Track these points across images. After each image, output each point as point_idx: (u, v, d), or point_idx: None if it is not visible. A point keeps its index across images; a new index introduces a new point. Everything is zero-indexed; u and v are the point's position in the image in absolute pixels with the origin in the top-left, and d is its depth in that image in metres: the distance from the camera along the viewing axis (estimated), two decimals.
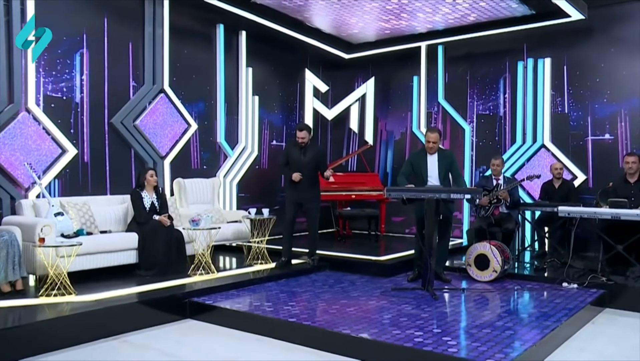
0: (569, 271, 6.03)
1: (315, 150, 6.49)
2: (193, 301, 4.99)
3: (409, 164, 6.02)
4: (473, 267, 6.15)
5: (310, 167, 6.37)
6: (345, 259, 6.86)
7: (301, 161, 6.36)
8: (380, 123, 10.07)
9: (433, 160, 5.94)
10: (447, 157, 5.95)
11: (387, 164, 9.94)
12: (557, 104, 8.28)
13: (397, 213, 9.31)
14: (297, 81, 9.74)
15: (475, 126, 9.03)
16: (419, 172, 5.93)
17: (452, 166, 5.97)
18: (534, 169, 8.31)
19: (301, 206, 6.44)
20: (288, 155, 6.45)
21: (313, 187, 6.45)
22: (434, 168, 5.90)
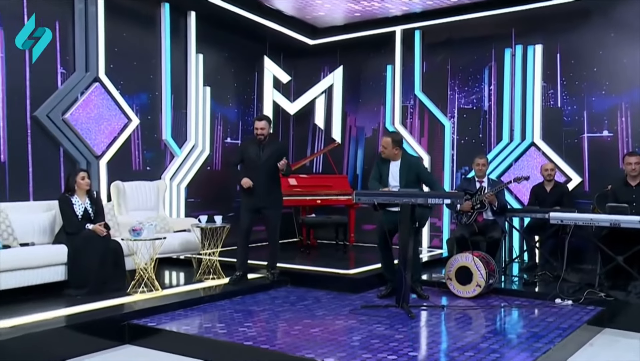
0: (562, 286, 6.08)
1: (275, 146, 6.46)
2: (133, 324, 4.90)
3: (377, 169, 6.09)
4: (454, 281, 6.16)
5: (270, 166, 6.33)
6: (309, 273, 6.83)
7: (259, 158, 6.32)
8: (349, 118, 10.08)
9: (394, 167, 5.99)
10: (411, 167, 5.98)
11: (357, 165, 9.95)
12: (549, 97, 8.40)
13: (369, 220, 9.31)
14: (255, 70, 9.68)
15: (456, 122, 9.10)
16: (385, 179, 6.01)
17: (420, 175, 6.04)
18: (522, 170, 8.41)
19: (259, 212, 6.39)
20: (243, 153, 6.41)
21: (273, 190, 6.42)
22: (395, 176, 5.97)
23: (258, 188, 6.29)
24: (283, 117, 10.20)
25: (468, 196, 6.88)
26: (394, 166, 5.99)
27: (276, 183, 6.47)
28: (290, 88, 10.30)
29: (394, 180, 5.95)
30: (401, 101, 9.52)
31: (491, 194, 6.73)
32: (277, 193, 6.49)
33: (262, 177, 6.30)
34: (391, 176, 5.96)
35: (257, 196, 6.31)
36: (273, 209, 6.42)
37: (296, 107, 10.16)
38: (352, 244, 9.09)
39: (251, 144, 6.41)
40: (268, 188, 6.34)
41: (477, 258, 6.08)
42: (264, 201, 6.33)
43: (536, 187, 7.73)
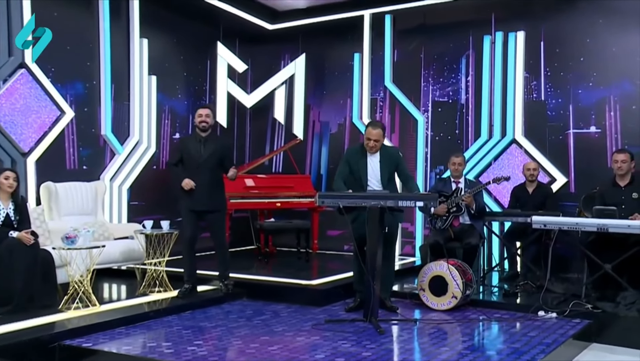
0: (546, 297, 6.12)
1: (218, 142, 6.46)
2: (65, 345, 4.79)
3: (346, 164, 6.02)
4: (427, 292, 6.17)
5: (212, 165, 6.31)
6: (267, 284, 6.82)
7: (200, 156, 6.29)
8: (312, 112, 10.06)
9: (374, 161, 5.96)
10: (391, 158, 6.00)
11: (322, 164, 9.95)
12: (531, 89, 8.49)
13: (334, 225, 9.29)
14: (207, 57, 9.63)
15: (430, 117, 9.13)
16: (358, 176, 5.94)
17: (399, 167, 6.03)
18: (502, 169, 8.48)
19: (201, 216, 6.37)
20: (182, 150, 6.38)
21: (216, 191, 6.39)
22: (375, 171, 5.94)
23: (199, 189, 6.27)
24: (239, 111, 10.15)
25: (443, 198, 6.90)
26: (374, 159, 5.95)
27: (219, 184, 6.46)
28: (246, 78, 10.25)
29: (374, 176, 5.92)
30: (370, 93, 9.53)
31: (468, 195, 6.77)
32: (221, 194, 6.48)
33: (203, 177, 6.27)
34: (371, 172, 5.92)
35: (198, 198, 6.28)
36: (217, 212, 6.40)
37: (253, 100, 10.10)
38: (316, 251, 9.08)
39: (191, 140, 6.40)
40: (210, 189, 6.32)
41: (453, 267, 6.09)
42: (206, 203, 6.31)
43: (517, 188, 7.79)
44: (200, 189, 6.26)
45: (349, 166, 5.99)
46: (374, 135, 5.88)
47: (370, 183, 5.92)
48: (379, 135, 5.88)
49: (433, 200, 5.59)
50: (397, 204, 5.44)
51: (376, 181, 5.92)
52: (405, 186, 6.09)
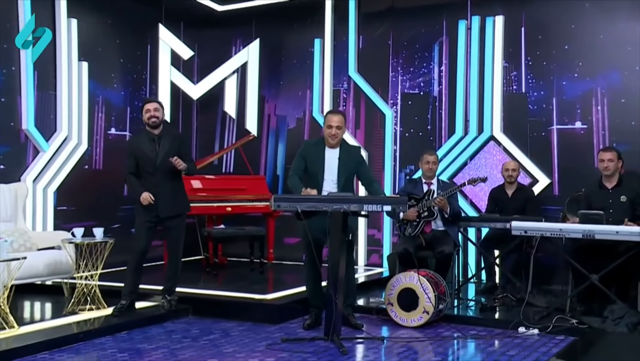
0: (527, 311, 6.16)
1: (173, 137, 6.40)
2: None
3: (302, 159, 6.02)
4: (396, 307, 6.17)
5: (169, 166, 6.25)
6: (216, 299, 6.79)
7: (156, 156, 6.24)
8: (267, 105, 10.03)
9: (333, 156, 5.96)
10: (352, 157, 6.01)
11: (278, 163, 9.92)
12: (511, 81, 8.55)
13: (292, 231, 9.24)
14: (148, 42, 9.56)
15: (399, 110, 9.15)
16: (313, 172, 5.95)
17: (360, 169, 6.05)
18: (479, 169, 8.53)
19: (158, 223, 6.35)
20: (135, 153, 6.31)
21: (177, 193, 6.38)
22: (332, 167, 5.94)
23: (160, 194, 6.22)
24: (184, 103, 10.08)
25: (413, 201, 6.91)
26: (332, 154, 5.95)
27: (181, 184, 6.46)
28: (192, 66, 10.19)
29: (330, 173, 5.92)
30: (332, 84, 9.52)
31: (442, 198, 6.78)
32: (183, 197, 6.46)
33: (162, 180, 6.23)
34: (327, 168, 5.92)
35: (159, 205, 6.24)
36: (178, 218, 6.38)
37: (200, 91, 10.05)
38: (271, 262, 9.06)
39: (142, 140, 6.32)
40: (171, 192, 6.29)
41: (424, 278, 6.10)
42: (167, 209, 6.28)
43: (495, 190, 7.84)
44: (162, 194, 6.22)
45: (304, 161, 5.99)
46: (335, 121, 5.89)
47: (326, 181, 5.92)
48: (340, 121, 5.90)
49: (402, 204, 5.60)
50: (363, 208, 5.43)
51: (331, 180, 5.92)
52: (369, 190, 6.10)
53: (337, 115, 5.92)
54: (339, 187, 5.90)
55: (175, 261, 6.49)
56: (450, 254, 6.79)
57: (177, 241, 6.44)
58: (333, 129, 5.89)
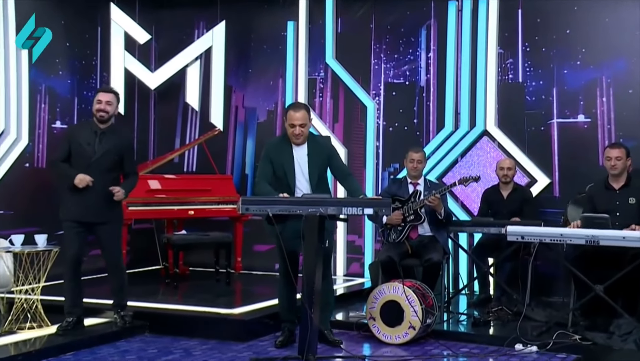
0: (524, 326, 6.16)
1: (118, 138, 6.35)
2: None
3: (267, 162, 5.98)
4: (379, 322, 6.16)
5: (108, 165, 6.21)
6: (177, 314, 6.78)
7: (93, 152, 6.19)
8: (235, 96, 10.01)
9: (301, 153, 5.96)
10: (322, 150, 6.01)
11: (247, 161, 9.90)
12: (506, 69, 8.57)
13: (262, 237, 9.21)
14: (98, 23, 9.50)
15: (382, 102, 9.16)
16: (282, 174, 5.92)
17: (332, 161, 6.04)
18: (471, 168, 8.56)
19: (90, 229, 6.28)
20: (71, 142, 6.25)
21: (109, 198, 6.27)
22: (302, 167, 5.94)
23: (90, 193, 6.13)
24: (140, 93, 10.04)
25: (398, 203, 6.91)
26: (300, 152, 5.95)
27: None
28: (150, 51, 10.16)
29: (301, 172, 5.93)
30: (307, 73, 9.53)
31: (436, 196, 6.73)
32: (116, 204, 6.36)
33: (96, 180, 6.13)
34: (297, 167, 5.93)
35: (88, 206, 6.16)
36: (111, 224, 6.31)
37: (159, 79, 10.00)
38: (239, 272, 9.05)
39: (84, 130, 6.27)
40: (104, 195, 6.20)
41: (410, 290, 6.09)
42: (97, 213, 6.20)
43: (489, 191, 7.86)
44: (91, 195, 6.12)
45: (271, 164, 5.95)
46: (297, 119, 5.87)
47: (299, 182, 5.92)
48: (303, 118, 5.89)
49: (385, 206, 5.61)
50: (341, 211, 5.41)
51: (304, 180, 5.92)
52: (345, 184, 6.11)
53: (299, 111, 5.88)
54: (312, 186, 5.90)
55: (118, 273, 6.43)
56: (439, 263, 6.80)
57: (113, 252, 6.37)
58: (297, 128, 5.87)
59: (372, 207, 5.58)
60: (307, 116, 5.94)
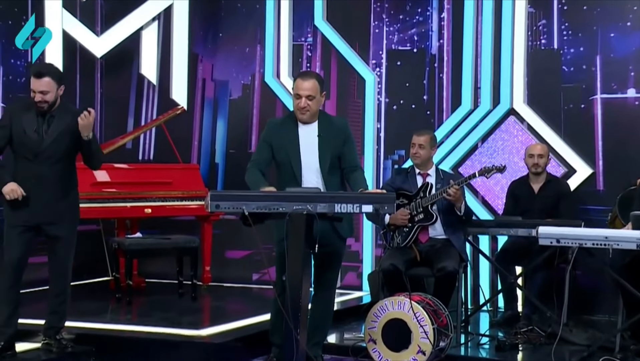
0: (561, 351, 6.18)
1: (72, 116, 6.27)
2: None
3: (265, 147, 5.92)
4: (380, 345, 6.15)
5: (61, 153, 6.18)
6: (130, 336, 6.77)
7: (41, 140, 6.15)
8: (202, 66, 10.04)
9: (309, 134, 5.89)
10: (337, 130, 5.95)
11: (217, 147, 9.93)
12: (538, 33, 8.58)
13: (236, 242, 9.25)
14: None
15: (384, 75, 9.17)
16: (286, 160, 5.87)
17: (346, 148, 5.97)
18: (494, 156, 8.58)
19: (38, 232, 6.26)
20: (11, 126, 6.21)
21: (65, 194, 6.29)
22: (311, 149, 5.87)
23: (37, 191, 6.11)
24: (83, 62, 10.06)
25: (403, 199, 6.92)
26: (308, 132, 5.88)
27: (70, 182, 6.37)
28: (94, 11, 10.15)
29: (309, 157, 5.85)
30: (291, 38, 9.54)
31: (457, 188, 6.70)
32: (72, 199, 6.37)
33: (45, 172, 6.13)
34: (304, 150, 5.85)
35: (36, 205, 6.13)
36: (64, 226, 6.29)
37: (106, 45, 10.04)
38: (208, 284, 9.06)
39: (29, 111, 6.22)
40: (56, 192, 6.19)
41: (420, 305, 6.10)
42: (48, 212, 6.18)
43: (517, 184, 7.88)
44: (41, 191, 6.12)
45: (270, 148, 5.90)
46: (305, 88, 5.78)
47: (306, 170, 5.85)
48: (312, 88, 5.79)
49: (388, 203, 5.54)
50: (334, 208, 5.39)
51: (314, 168, 5.85)
52: (350, 180, 6.02)
53: (307, 80, 5.80)
54: (323, 175, 5.85)
55: (62, 287, 6.40)
56: (455, 272, 6.79)
57: (63, 260, 6.35)
58: (302, 100, 5.78)
59: (372, 203, 5.54)
60: (318, 88, 5.83)
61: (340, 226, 5.90)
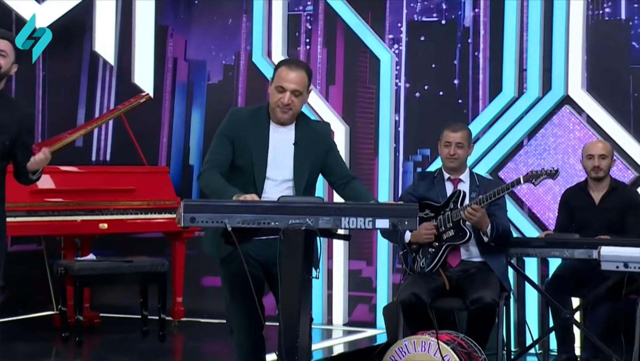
0: None
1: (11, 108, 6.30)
2: None
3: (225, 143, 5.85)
4: None
5: None
6: None
7: None
8: (172, 42, 10.12)
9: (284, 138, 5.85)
10: (318, 138, 5.93)
11: (191, 145, 10.01)
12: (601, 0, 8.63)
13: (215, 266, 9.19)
14: None
15: (405, 53, 9.22)
16: (245, 167, 5.83)
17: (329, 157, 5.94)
18: (543, 157, 8.61)
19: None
20: None
21: None
22: (284, 158, 5.84)
23: None
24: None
25: (429, 211, 6.96)
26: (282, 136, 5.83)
27: None
28: None
29: (279, 168, 5.81)
30: (286, 6, 9.60)
31: (476, 207, 6.76)
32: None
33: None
34: (273, 158, 5.80)
35: None
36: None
37: (50, 16, 10.06)
38: (180, 319, 9.08)
39: None
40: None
41: (448, 346, 6.14)
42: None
43: (572, 193, 7.89)
44: None
45: (231, 144, 5.87)
46: (291, 80, 5.74)
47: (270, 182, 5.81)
48: (300, 81, 5.75)
49: (409, 216, 5.57)
50: (340, 224, 5.40)
51: (281, 180, 5.82)
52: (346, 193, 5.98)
53: (296, 70, 5.75)
54: (298, 190, 5.81)
55: None
56: (494, 305, 6.80)
57: None
58: (286, 95, 5.74)
59: (389, 217, 5.57)
60: (306, 82, 5.78)
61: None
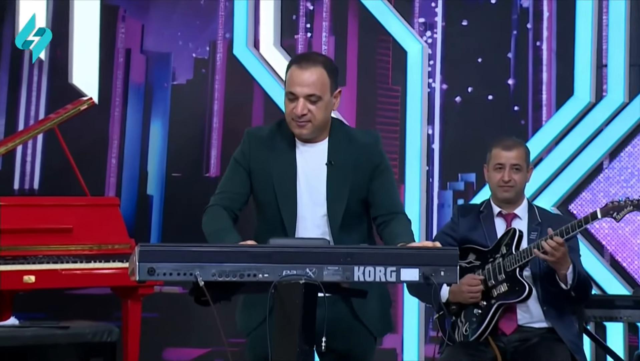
0: None
1: None
2: None
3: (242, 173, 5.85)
4: None
5: None
6: None
7: None
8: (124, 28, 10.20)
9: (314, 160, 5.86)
10: (361, 155, 5.86)
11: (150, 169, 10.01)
12: None
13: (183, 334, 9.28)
14: None
15: (441, 45, 9.25)
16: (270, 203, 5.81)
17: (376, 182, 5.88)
18: (630, 184, 8.61)
19: None
20: None
21: None
22: (316, 188, 5.84)
23: None
24: None
25: (474, 258, 6.93)
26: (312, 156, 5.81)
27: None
28: None
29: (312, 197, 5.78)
30: None
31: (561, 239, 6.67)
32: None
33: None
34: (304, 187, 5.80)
35: None
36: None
37: None
38: None
39: None
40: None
41: None
42: None
43: None
44: None
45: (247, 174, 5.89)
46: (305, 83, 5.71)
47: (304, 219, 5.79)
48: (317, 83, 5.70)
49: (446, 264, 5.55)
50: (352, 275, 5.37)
51: (318, 214, 5.81)
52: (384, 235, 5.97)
53: (309, 68, 5.71)
54: (333, 226, 5.83)
55: None
56: None
57: None
58: (299, 104, 5.72)
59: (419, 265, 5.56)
60: (326, 81, 5.71)
61: (366, 311, 5.91)
